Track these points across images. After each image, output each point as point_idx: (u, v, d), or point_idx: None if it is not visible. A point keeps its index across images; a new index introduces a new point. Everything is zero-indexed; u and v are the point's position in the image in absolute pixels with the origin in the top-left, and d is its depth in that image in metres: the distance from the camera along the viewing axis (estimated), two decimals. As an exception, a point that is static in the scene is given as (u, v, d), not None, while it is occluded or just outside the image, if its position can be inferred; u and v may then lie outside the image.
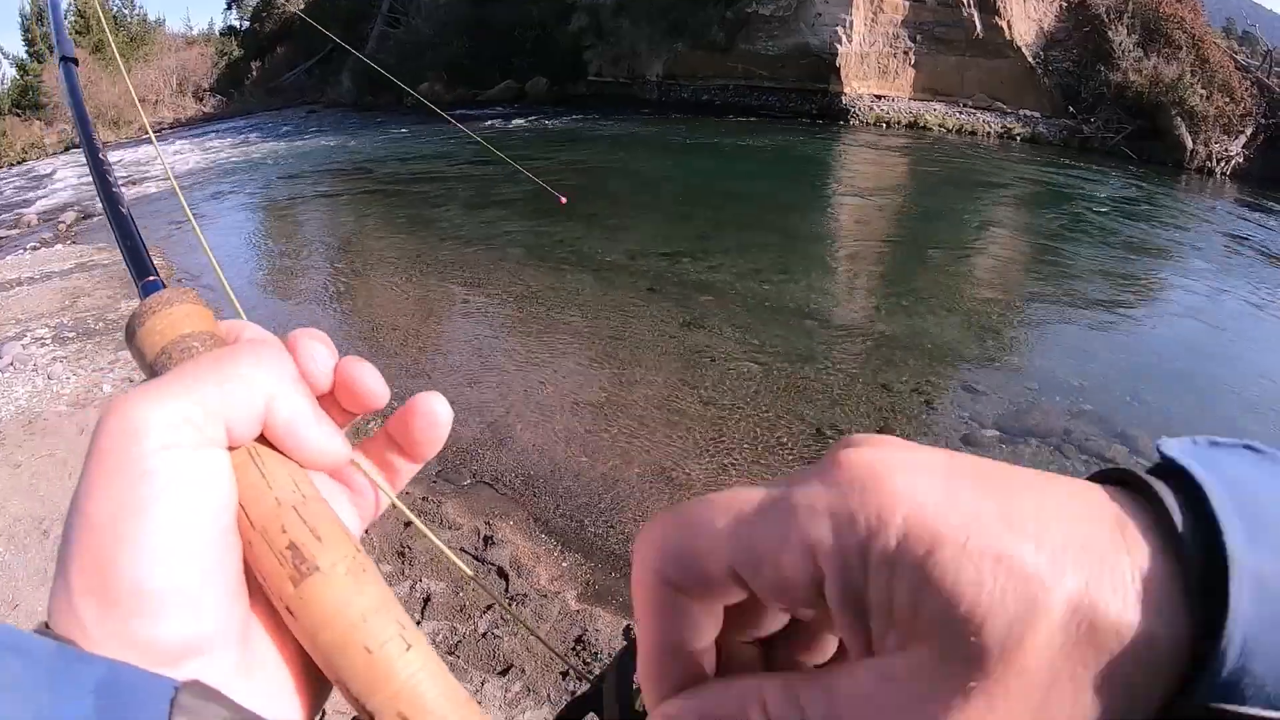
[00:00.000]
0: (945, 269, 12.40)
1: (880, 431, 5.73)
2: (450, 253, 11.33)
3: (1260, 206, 22.06)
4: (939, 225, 15.41)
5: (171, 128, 33.15)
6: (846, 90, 28.66)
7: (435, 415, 0.54)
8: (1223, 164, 26.85)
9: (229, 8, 49.79)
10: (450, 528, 4.84)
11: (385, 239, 12.58)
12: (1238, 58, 30.09)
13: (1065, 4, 30.97)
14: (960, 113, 29.38)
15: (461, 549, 4.64)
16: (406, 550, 4.60)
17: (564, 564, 4.64)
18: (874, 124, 28.51)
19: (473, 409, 6.54)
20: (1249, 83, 28.34)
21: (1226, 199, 23.20)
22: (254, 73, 43.00)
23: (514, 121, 27.64)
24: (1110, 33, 28.84)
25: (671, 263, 10.98)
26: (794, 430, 6.45)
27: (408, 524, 4.79)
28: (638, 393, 6.97)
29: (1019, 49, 29.63)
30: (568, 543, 4.84)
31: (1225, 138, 27.18)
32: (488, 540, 4.75)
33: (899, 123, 28.68)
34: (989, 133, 28.68)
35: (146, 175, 18.31)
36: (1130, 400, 7.76)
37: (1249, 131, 27.52)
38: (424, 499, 5.16)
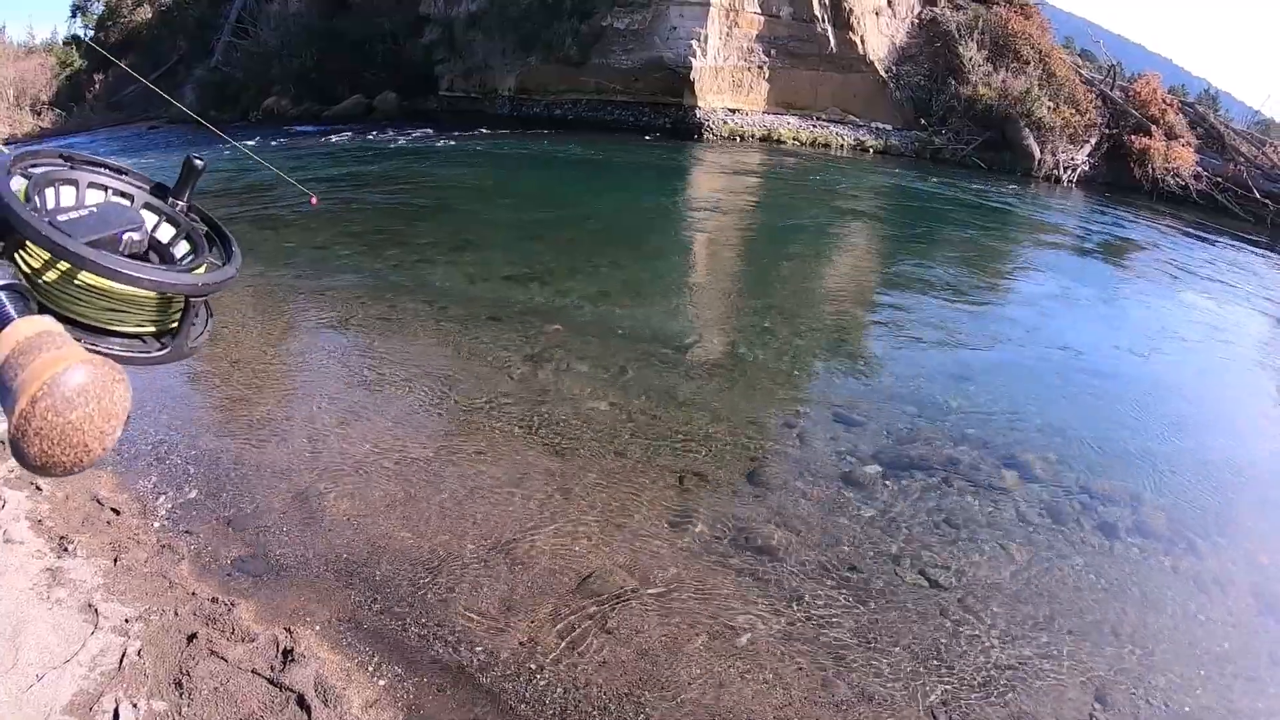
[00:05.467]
0: (806, 286, 12.02)
1: (751, 477, 5.05)
2: (267, 280, 10.09)
3: (1104, 210, 23.00)
4: (796, 240, 15.14)
5: (6, 143, 30.75)
6: (700, 104, 28.54)
7: None
8: (1069, 172, 27.94)
9: (73, 16, 47.40)
10: (243, 639, 3.86)
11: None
12: (1083, 72, 31.24)
13: (917, 21, 31.65)
14: (814, 126, 29.77)
15: (254, 671, 3.68)
16: (184, 677, 3.62)
17: (381, 682, 3.70)
18: (728, 138, 28.57)
19: (278, 473, 5.50)
20: (1094, 95, 29.51)
21: (1074, 204, 24.08)
22: (96, 86, 40.81)
23: (359, 137, 26.42)
24: (961, 48, 29.71)
25: (516, 287, 10.13)
26: (654, 482, 5.65)
27: (191, 637, 3.82)
28: (473, 444, 6.03)
29: (871, 63, 30.12)
30: (386, 650, 3.89)
31: (1071, 147, 28.30)
32: (287, 655, 3.77)
33: (753, 136, 28.86)
34: (842, 145, 29.12)
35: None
36: (1009, 418, 7.44)
37: (1093, 141, 28.81)
38: (213, 600, 4.16)
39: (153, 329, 1.05)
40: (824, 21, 29.38)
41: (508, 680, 3.79)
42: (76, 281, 0.95)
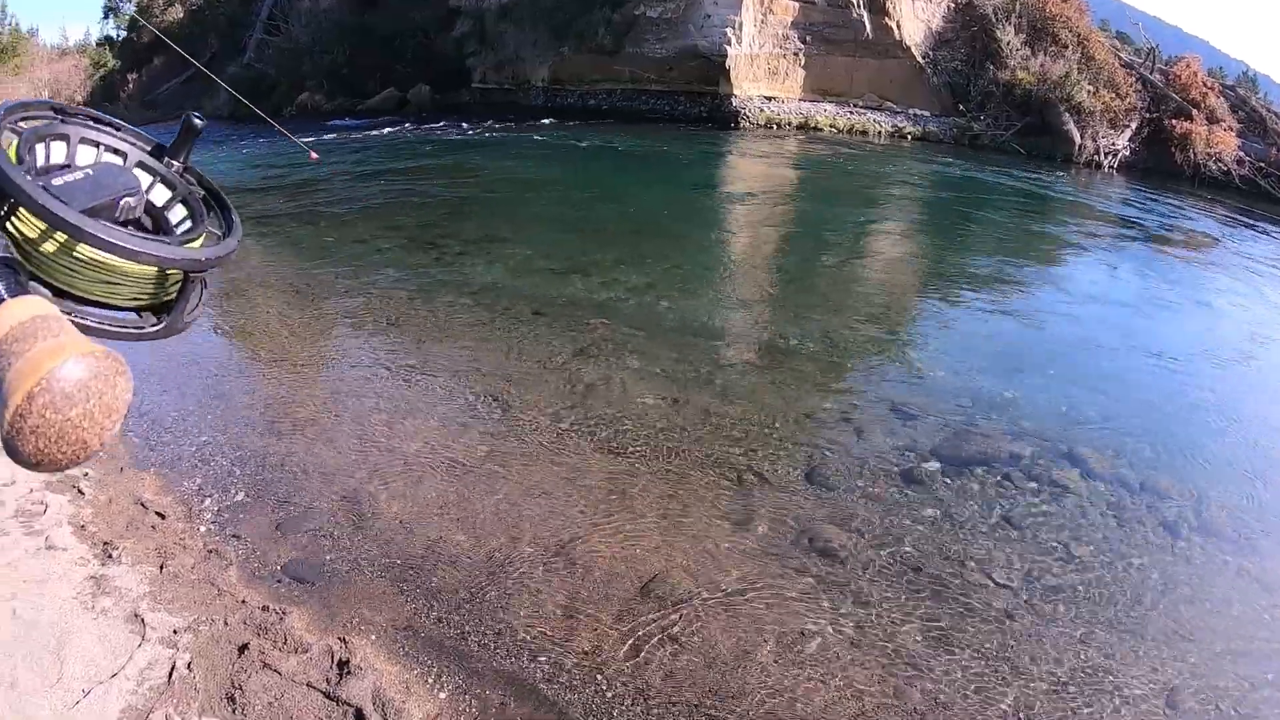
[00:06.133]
0: (851, 275, 11.84)
1: (810, 475, 4.90)
2: (307, 276, 10.03)
3: (1147, 196, 22.60)
4: (838, 229, 14.93)
5: None
6: (736, 92, 28.28)
7: None
8: (1110, 157, 27.43)
9: (105, 17, 47.90)
10: (297, 650, 3.75)
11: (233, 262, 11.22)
12: (1121, 55, 30.69)
13: (953, 4, 31.19)
14: (851, 113, 29.40)
15: (310, 684, 3.56)
16: (237, 691, 3.51)
17: (442, 694, 3.57)
18: (765, 126, 28.27)
19: (326, 474, 5.39)
20: (1133, 78, 28.96)
21: (1116, 190, 23.62)
22: (130, 85, 41.18)
23: (393, 130, 26.37)
24: (998, 32, 29.23)
25: (559, 280, 9.99)
26: (712, 480, 5.50)
27: (243, 649, 3.72)
28: (525, 443, 5.89)
29: (908, 49, 29.70)
30: (446, 661, 3.76)
31: (1112, 131, 27.78)
32: (343, 666, 3.65)
33: (790, 124, 28.52)
34: (880, 132, 28.76)
35: None
36: (1066, 410, 7.26)
37: (1134, 125, 28.24)
38: (264, 608, 4.05)
39: (147, 302, 1.00)
40: (859, 7, 29.00)
41: (573, 691, 3.66)
42: (73, 254, 0.90)
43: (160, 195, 1.12)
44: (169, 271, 0.98)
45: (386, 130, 26.42)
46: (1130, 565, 5.05)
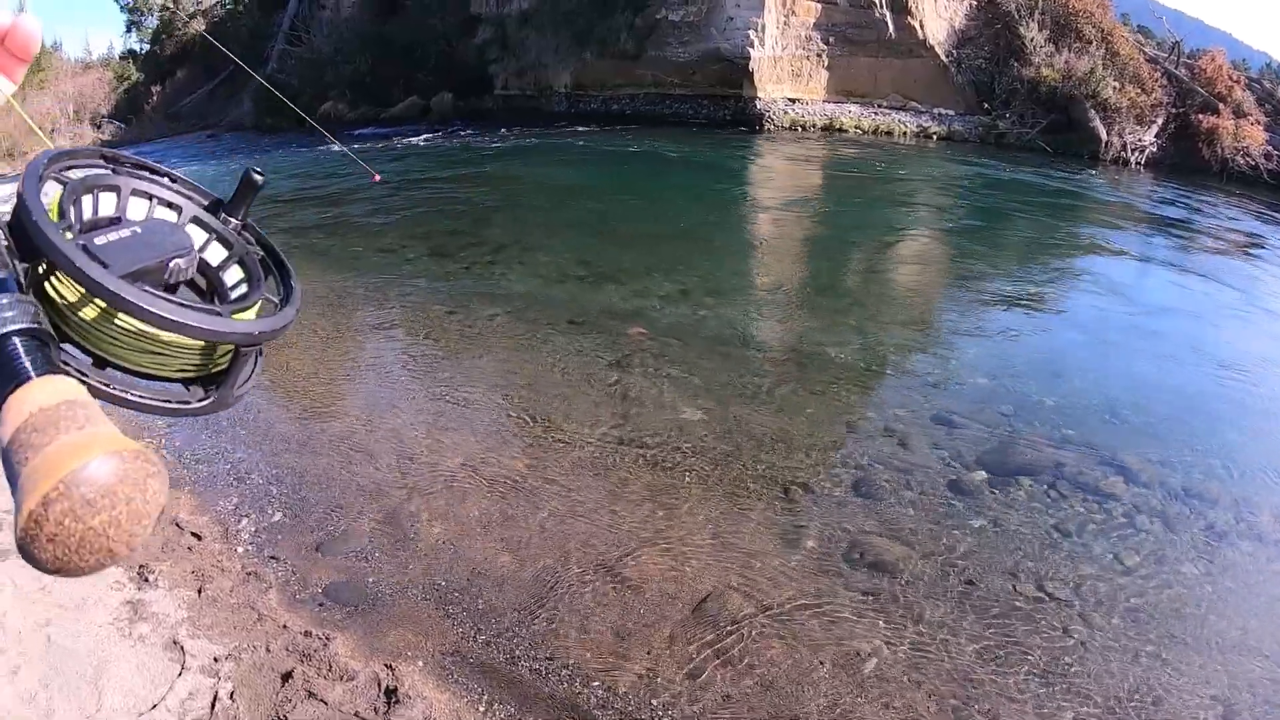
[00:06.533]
0: (885, 279, 11.73)
1: (857, 486, 4.80)
2: (337, 287, 9.94)
3: (1176, 193, 22.37)
4: (869, 231, 14.80)
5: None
6: (760, 95, 28.16)
7: (34, 28, 0.81)
8: (1137, 154, 27.15)
9: (128, 31, 48.46)
10: (342, 678, 3.67)
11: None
12: (1146, 50, 30.40)
13: (975, 2, 30.95)
14: (875, 113, 29.25)
15: (357, 714, 3.48)
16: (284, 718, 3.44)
17: (494, 724, 3.51)
18: (789, 128, 28.16)
19: (366, 493, 5.33)
20: (1158, 73, 28.66)
21: (1144, 187, 23.38)
22: (154, 97, 41.53)
23: (418, 139, 26.39)
24: (1021, 29, 29.03)
25: (592, 288, 9.92)
26: (759, 494, 5.41)
27: (286, 677, 3.65)
28: (568, 457, 5.81)
29: (931, 48, 29.51)
30: (497, 687, 3.67)
31: (1139, 128, 27.50)
32: (391, 695, 3.57)
33: (814, 126, 28.41)
34: (905, 132, 28.59)
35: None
36: (1109, 416, 7.16)
37: (1160, 121, 27.90)
38: (306, 633, 3.98)
39: (195, 374, 0.89)
40: (881, 6, 28.83)
41: (628, 719, 3.57)
42: (114, 322, 0.80)
43: (215, 254, 1.03)
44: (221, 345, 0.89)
45: (410, 140, 26.44)
46: (1181, 574, 4.94)
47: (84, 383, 0.72)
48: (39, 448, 0.58)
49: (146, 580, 4.31)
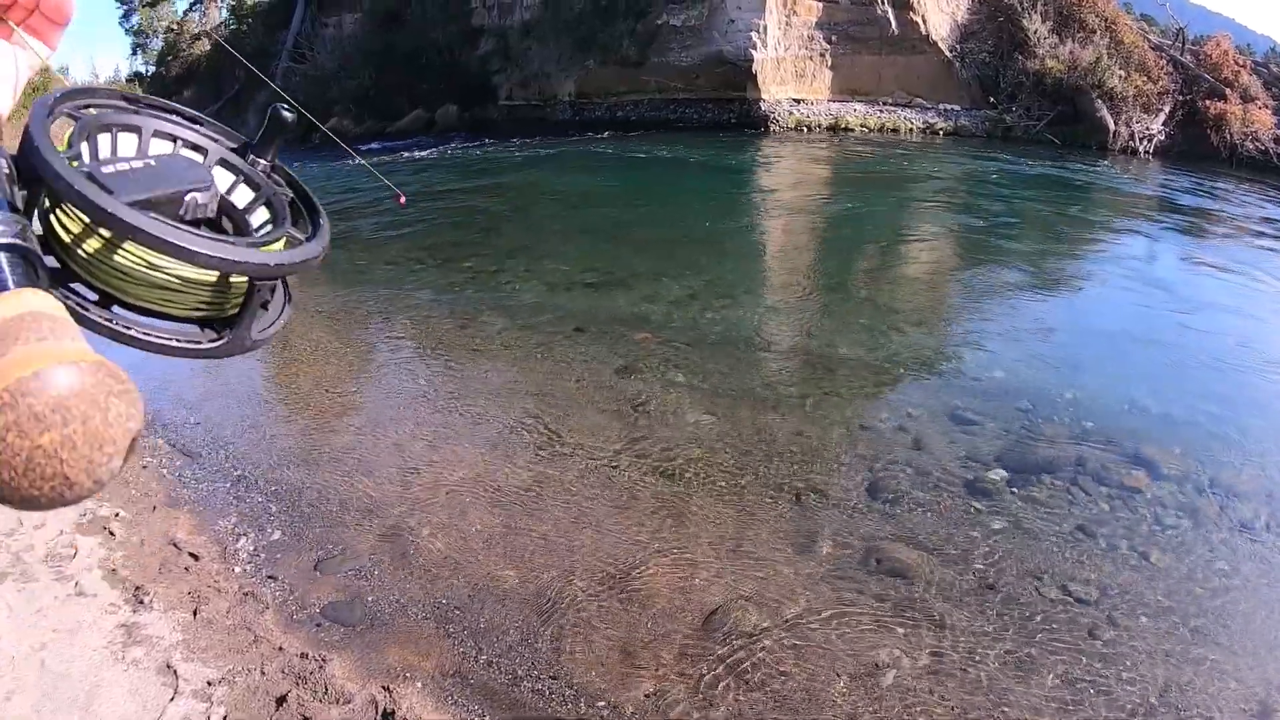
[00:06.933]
0: (896, 277, 11.58)
1: (872, 490, 4.63)
2: (341, 300, 9.82)
3: (1187, 180, 22.28)
4: (878, 229, 14.66)
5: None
6: (764, 96, 28.07)
7: None
8: (1145, 142, 27.01)
9: (134, 54, 48.90)
10: (338, 701, 3.53)
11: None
12: (1150, 38, 30.24)
13: (977, -4, 30.80)
14: (881, 111, 29.15)
15: (352, 740, 3.34)
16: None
17: (495, 748, 3.35)
18: (794, 129, 28.09)
19: (366, 508, 5.19)
20: (1164, 61, 28.50)
21: (1154, 176, 23.26)
22: (162, 117, 41.90)
23: (424, 152, 26.33)
24: (1024, 21, 28.91)
25: (598, 294, 9.77)
26: (770, 500, 5.24)
27: (281, 701, 3.51)
28: (572, 468, 5.65)
29: (935, 43, 29.39)
30: (498, 710, 3.50)
31: (1146, 116, 27.35)
32: (388, 718, 3.44)
33: (820, 125, 28.34)
34: (911, 129, 28.48)
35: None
36: (1129, 408, 6.99)
37: (1167, 109, 27.74)
38: (302, 655, 3.84)
39: (211, 314, 0.86)
40: (883, 3, 28.71)
41: (636, 740, 3.41)
42: (119, 253, 0.78)
43: (242, 196, 1.00)
44: (235, 279, 0.84)
45: (416, 153, 26.37)
46: (1211, 570, 4.77)
47: (83, 315, 0.73)
48: None
49: (142, 603, 4.22)
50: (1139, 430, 6.46)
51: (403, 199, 10.14)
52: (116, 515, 5.10)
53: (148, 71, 47.62)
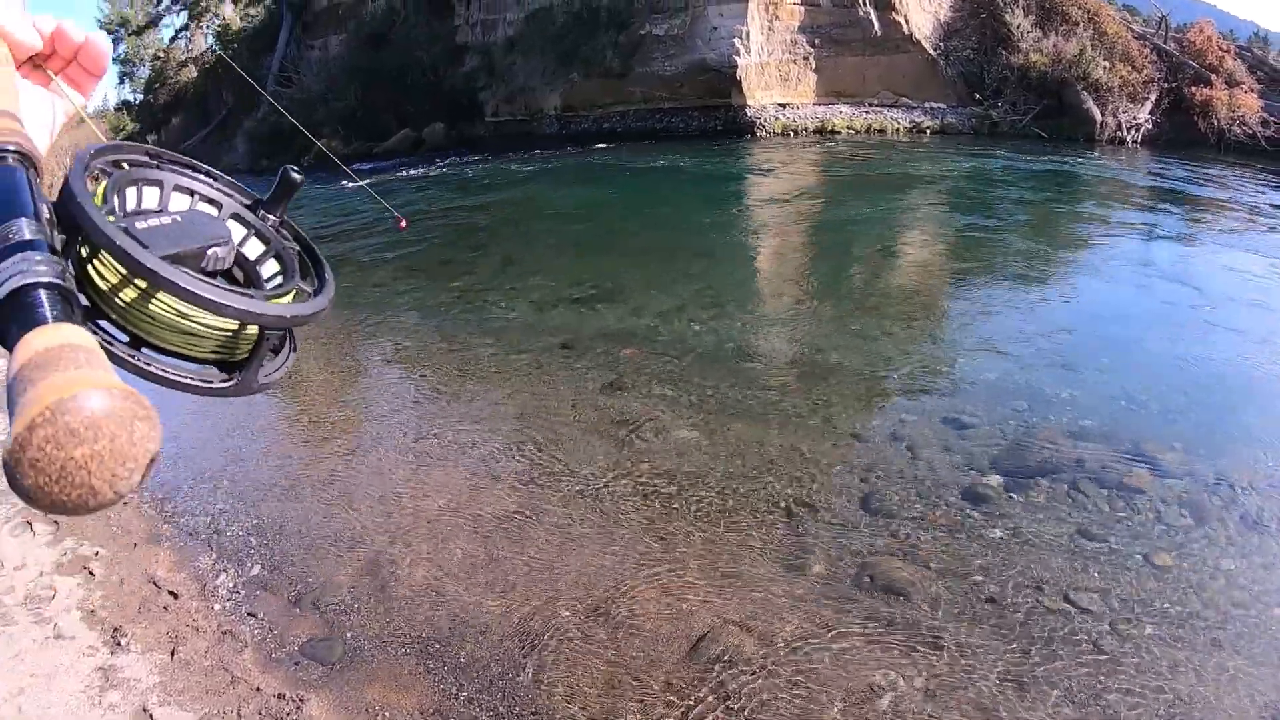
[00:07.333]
0: (886, 281, 11.46)
1: (865, 502, 4.50)
2: (324, 325, 9.57)
3: (1176, 168, 22.28)
4: (867, 233, 14.55)
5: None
6: (750, 102, 28.00)
7: (105, 45, 0.91)
8: (1133, 132, 26.99)
9: (121, 83, 48.95)
10: (314, 744, 3.40)
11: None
12: (1133, 27, 30.27)
13: (959, -7, 30.83)
14: (867, 112, 29.09)
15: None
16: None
17: (475, 791, 3.22)
18: (781, 133, 28.03)
19: (347, 540, 5.05)
20: (1148, 50, 28.53)
21: (1143, 165, 23.27)
22: (150, 146, 42.07)
23: (413, 171, 26.28)
24: (1007, 16, 28.93)
25: (586, 310, 9.64)
26: (760, 517, 5.11)
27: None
28: (557, 491, 5.51)
29: (918, 42, 29.36)
30: (477, 749, 3.41)
31: (1132, 105, 27.34)
32: (365, 761, 3.32)
33: (806, 129, 28.27)
34: (898, 129, 28.43)
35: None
36: (1126, 405, 6.84)
37: (1153, 97, 27.76)
38: (279, 695, 3.71)
39: (226, 357, 0.92)
40: (865, 4, 28.67)
41: (622, 777, 3.28)
42: (152, 302, 0.84)
43: (253, 249, 1.07)
44: (249, 329, 0.90)
45: (404, 172, 26.30)
46: (1219, 571, 4.63)
47: (109, 350, 0.79)
48: (36, 381, 0.60)
49: (120, 644, 4.16)
50: (1138, 427, 6.35)
51: (404, 223, 10.19)
52: (96, 554, 5.04)
53: (135, 99, 47.70)
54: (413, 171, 26.29)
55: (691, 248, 13.40)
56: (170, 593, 4.66)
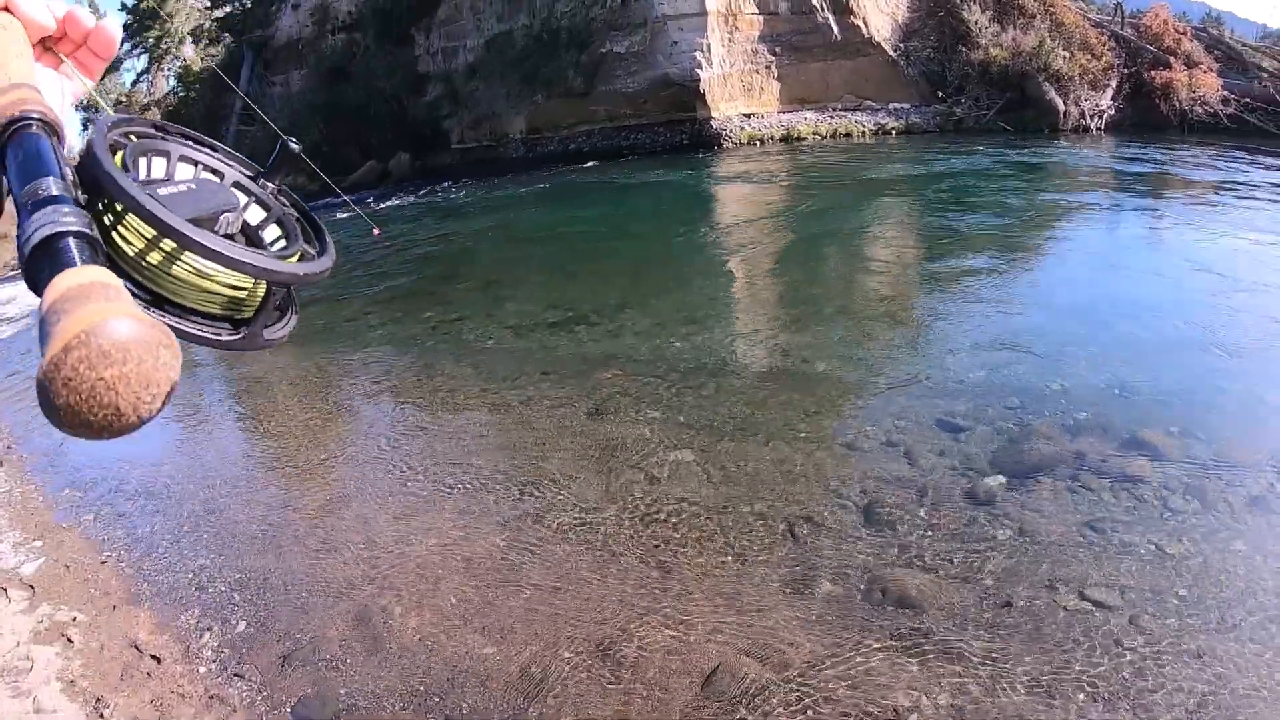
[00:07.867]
0: (866, 285, 11.39)
1: (867, 513, 4.35)
2: (297, 365, 9.50)
3: (1139, 151, 22.59)
4: (840, 236, 14.56)
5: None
6: (715, 114, 28.10)
7: (115, 31, 0.98)
8: (1096, 119, 27.35)
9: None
10: (306, 815, 3.21)
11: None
12: (1090, 15, 30.63)
13: (916, -7, 31.11)
14: (831, 117, 29.31)
15: None
16: None
17: None
18: (747, 144, 28.20)
19: (335, 591, 4.85)
20: (1105, 37, 28.88)
21: (1107, 150, 23.57)
22: (132, 176, 42.17)
23: (378, 202, 26.28)
24: (964, 13, 29.26)
25: (564, 333, 9.49)
26: (761, 538, 4.94)
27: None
28: (548, 526, 5.31)
29: (878, 44, 29.62)
30: (480, 809, 3.22)
31: (1094, 93, 27.73)
32: (363, 832, 3.13)
33: (772, 138, 28.46)
34: (863, 131, 28.66)
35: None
36: (1119, 392, 6.73)
37: (1114, 84, 28.10)
38: (269, 760, 3.53)
39: (226, 314, 0.95)
40: (823, 10, 28.86)
41: (638, 831, 3.10)
42: (176, 263, 0.88)
43: (255, 215, 1.10)
44: (259, 288, 0.95)
45: (373, 205, 26.11)
46: (1230, 553, 4.52)
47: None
48: (70, 311, 0.63)
49: (102, 716, 3.98)
50: (1133, 413, 6.25)
51: (376, 230, 10.36)
52: (74, 619, 4.87)
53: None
54: (381, 206, 26.12)
55: (664, 264, 13.34)
56: (153, 657, 4.47)
